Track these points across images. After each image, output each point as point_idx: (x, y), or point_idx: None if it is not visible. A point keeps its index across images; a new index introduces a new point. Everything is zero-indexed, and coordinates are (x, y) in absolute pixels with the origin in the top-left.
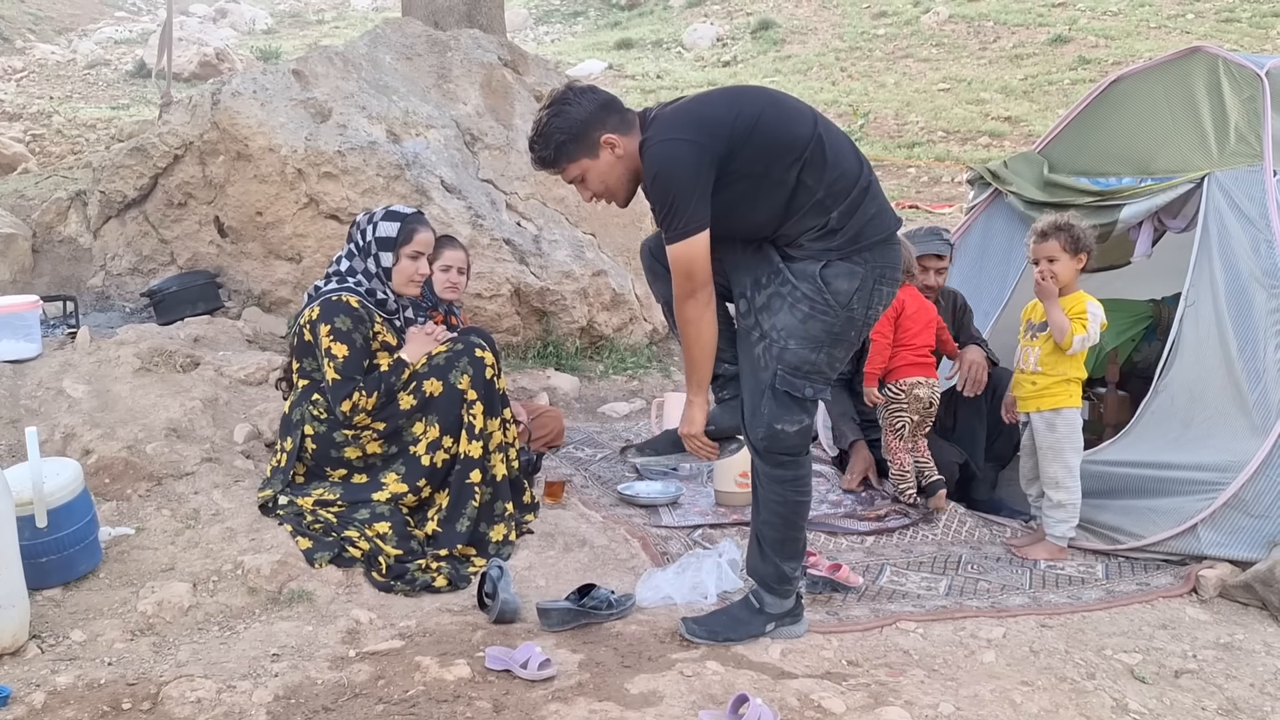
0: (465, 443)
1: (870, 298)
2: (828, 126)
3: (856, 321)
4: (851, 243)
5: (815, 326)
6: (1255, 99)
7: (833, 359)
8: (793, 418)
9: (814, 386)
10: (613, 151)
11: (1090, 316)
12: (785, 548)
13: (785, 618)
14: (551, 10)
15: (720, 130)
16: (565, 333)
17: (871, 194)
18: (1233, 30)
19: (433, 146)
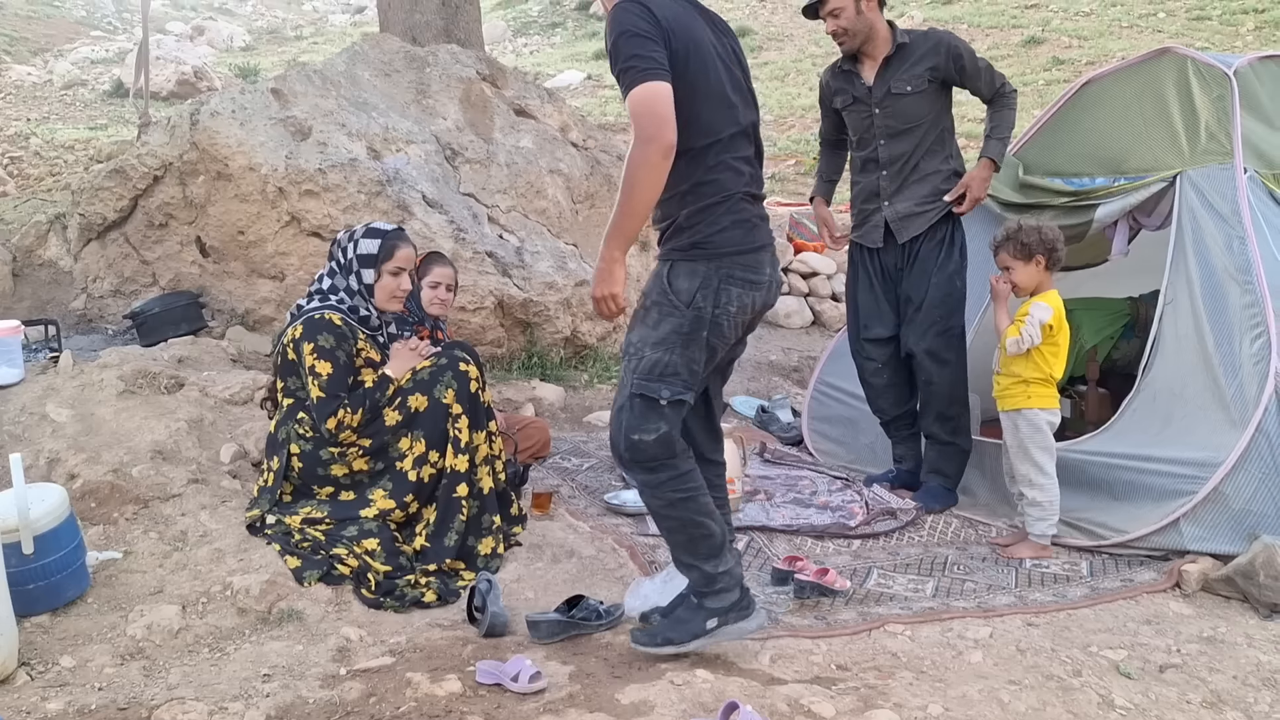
0: (451, 457)
1: (717, 296)
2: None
3: (705, 320)
4: (695, 246)
5: (665, 327)
6: (1224, 98)
7: (689, 360)
8: (650, 425)
9: (670, 388)
10: None
11: (1029, 318)
12: (696, 548)
13: (729, 612)
14: (530, 22)
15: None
16: (549, 343)
17: (732, 210)
18: (1203, 28)
19: (413, 162)
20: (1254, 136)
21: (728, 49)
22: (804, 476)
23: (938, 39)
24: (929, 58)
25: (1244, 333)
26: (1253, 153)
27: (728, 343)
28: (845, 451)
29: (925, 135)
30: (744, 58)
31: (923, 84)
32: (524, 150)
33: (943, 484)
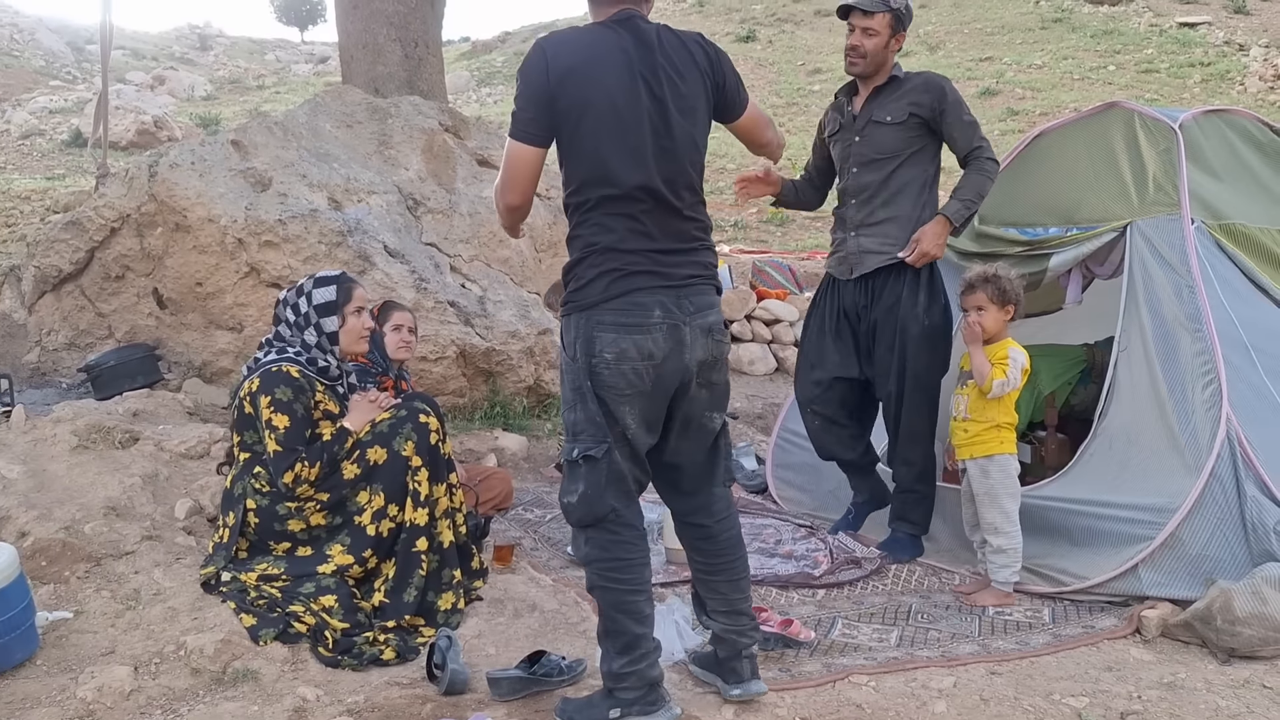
0: (411, 510)
1: (590, 344)
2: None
3: (585, 371)
4: (570, 300)
5: (567, 385)
6: (1170, 151)
7: (589, 414)
8: (571, 487)
9: (579, 445)
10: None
11: (1010, 361)
12: (611, 639)
13: (636, 705)
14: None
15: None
16: (512, 392)
17: (598, 263)
18: (1152, 81)
19: (375, 212)
20: (1200, 188)
21: (655, 98)
22: (768, 525)
23: (928, 78)
24: (914, 93)
25: (1195, 380)
26: (1199, 204)
27: (621, 393)
28: (809, 499)
29: (899, 172)
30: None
31: (903, 116)
32: (487, 200)
33: (909, 532)
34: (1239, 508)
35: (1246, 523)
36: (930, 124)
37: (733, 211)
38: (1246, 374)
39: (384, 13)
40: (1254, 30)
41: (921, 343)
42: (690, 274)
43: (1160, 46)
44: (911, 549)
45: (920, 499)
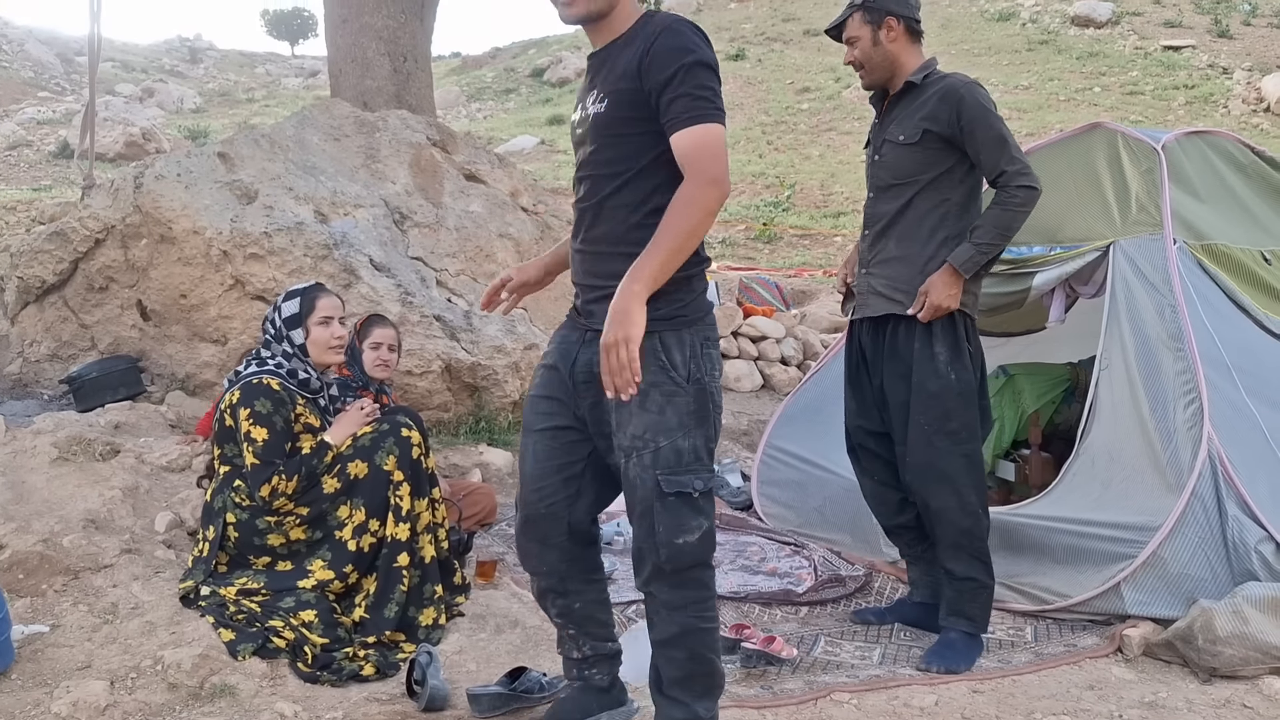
0: (392, 525)
1: (709, 364)
2: None
3: (708, 393)
4: (678, 314)
5: (673, 410)
6: (1153, 171)
7: (707, 441)
8: (691, 524)
9: (701, 478)
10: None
11: None
12: (695, 684)
13: None
14: (483, 88)
15: None
16: (498, 407)
17: (704, 274)
18: (1137, 103)
19: (361, 225)
20: (1182, 209)
21: None
22: (752, 543)
23: (949, 86)
24: (929, 105)
25: (1177, 399)
26: (1181, 224)
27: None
28: (795, 515)
29: (914, 202)
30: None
31: (915, 135)
32: (474, 214)
33: (965, 631)
34: (1220, 527)
35: (1228, 542)
36: (953, 141)
37: (720, 229)
38: (1228, 393)
39: (373, 27)
40: (1237, 54)
41: (945, 402)
42: None
43: (1145, 69)
44: (968, 653)
45: (978, 589)
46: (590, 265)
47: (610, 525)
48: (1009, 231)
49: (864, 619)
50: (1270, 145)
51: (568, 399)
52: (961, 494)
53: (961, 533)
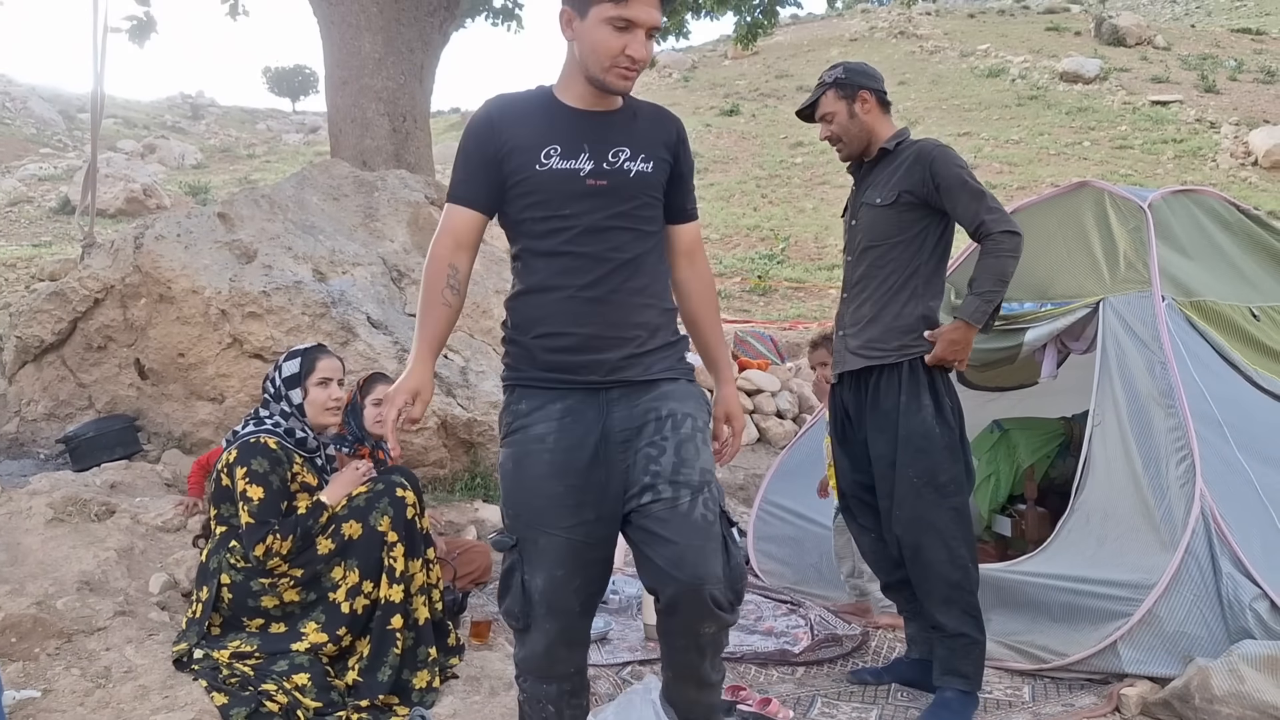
0: (386, 587)
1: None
2: None
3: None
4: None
5: (707, 449)
6: (1140, 229)
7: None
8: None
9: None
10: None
11: None
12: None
13: None
14: None
15: None
16: (493, 463)
17: None
18: (1126, 157)
19: (359, 284)
20: (1170, 266)
21: None
22: (748, 601)
23: (920, 149)
24: (903, 168)
25: (1169, 455)
26: (1170, 281)
27: None
28: (791, 572)
29: (889, 263)
30: None
31: (891, 197)
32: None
33: (960, 690)
34: (1215, 584)
35: (1223, 600)
36: (928, 201)
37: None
38: (1220, 449)
39: (373, 89)
40: (1224, 109)
41: (932, 455)
42: None
43: (1134, 124)
44: (964, 713)
45: (970, 645)
46: (623, 316)
47: None
48: (1005, 277)
49: (861, 679)
50: (1259, 198)
51: (590, 478)
52: (951, 547)
53: (951, 586)
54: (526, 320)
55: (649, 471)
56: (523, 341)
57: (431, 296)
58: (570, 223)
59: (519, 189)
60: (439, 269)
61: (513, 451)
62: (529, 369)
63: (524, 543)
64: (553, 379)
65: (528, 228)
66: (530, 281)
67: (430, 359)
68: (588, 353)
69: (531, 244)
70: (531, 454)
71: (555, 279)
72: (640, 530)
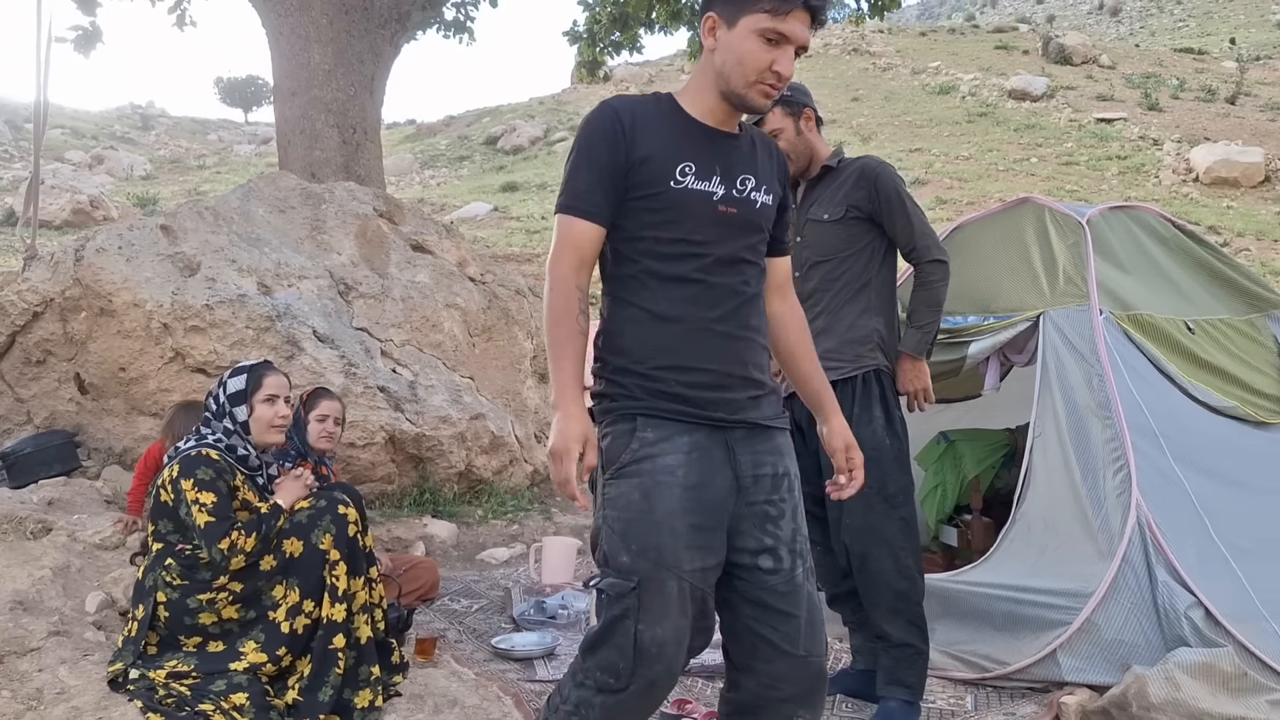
0: (328, 606)
1: None
2: None
3: None
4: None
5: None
6: (1079, 245)
7: None
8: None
9: None
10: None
11: None
12: None
13: None
14: (437, 155)
15: None
16: (443, 478)
17: None
18: (1072, 173)
19: (305, 297)
20: (1108, 280)
21: None
22: None
23: (864, 166)
24: (849, 183)
25: (1107, 466)
26: (1107, 295)
27: None
28: None
29: (840, 276)
30: None
31: (840, 212)
32: (420, 285)
33: (904, 700)
34: (1151, 593)
35: (1159, 608)
36: (873, 217)
37: None
38: (1155, 460)
39: (322, 100)
40: (1167, 126)
41: (883, 466)
42: None
43: (1079, 140)
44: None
45: (915, 655)
46: (749, 355)
47: (554, 599)
48: (939, 305)
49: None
50: (1199, 214)
51: (717, 519)
52: (899, 557)
53: (897, 595)
54: (649, 349)
55: (768, 533)
56: (642, 371)
57: (566, 325)
58: (701, 249)
59: (648, 204)
60: (567, 292)
61: (640, 482)
62: (651, 399)
63: (647, 586)
64: (681, 411)
65: (650, 247)
66: (655, 307)
67: (581, 397)
68: (718, 390)
69: (657, 266)
70: (663, 485)
71: (685, 308)
72: (748, 601)
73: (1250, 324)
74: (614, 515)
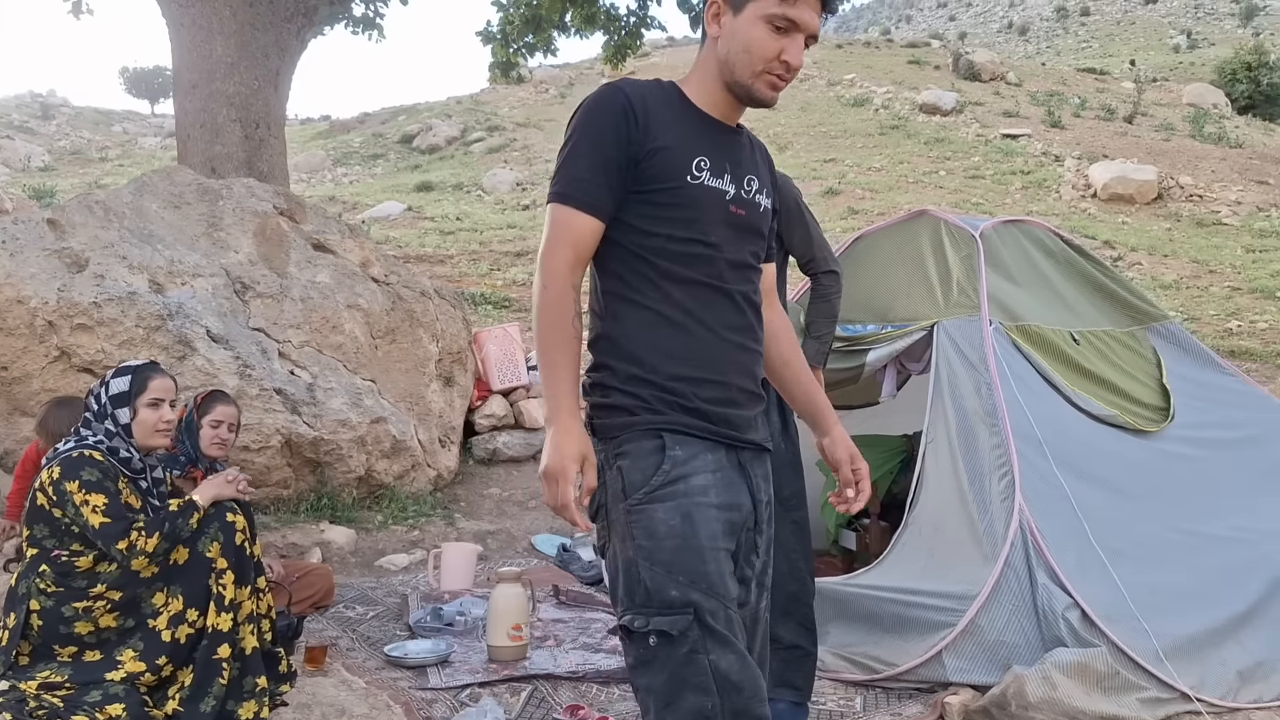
0: (214, 615)
1: None
2: None
3: None
4: None
5: None
6: (972, 257)
7: None
8: None
9: None
10: None
11: None
12: None
13: None
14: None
15: None
16: (341, 483)
17: None
18: (978, 186)
19: (199, 296)
20: (998, 292)
21: None
22: (597, 619)
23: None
24: None
25: (992, 471)
26: (997, 306)
27: None
28: None
29: None
30: None
31: None
32: (321, 285)
33: (792, 701)
34: (1031, 595)
35: (1039, 610)
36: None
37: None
38: (1039, 466)
39: (224, 93)
40: (1068, 143)
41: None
42: None
43: (986, 155)
44: None
45: (804, 657)
46: (756, 368)
47: (452, 606)
48: (835, 316)
49: None
50: (1096, 228)
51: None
52: (791, 559)
53: (789, 598)
54: (663, 356)
55: (750, 563)
56: (657, 382)
57: (562, 329)
58: (714, 252)
59: (661, 198)
60: (562, 292)
61: (678, 505)
62: (672, 412)
63: (705, 616)
64: (703, 428)
65: (662, 245)
66: (669, 311)
67: (578, 410)
68: (732, 406)
69: (669, 267)
70: (701, 507)
71: (701, 314)
72: None
73: (1131, 336)
74: (651, 546)
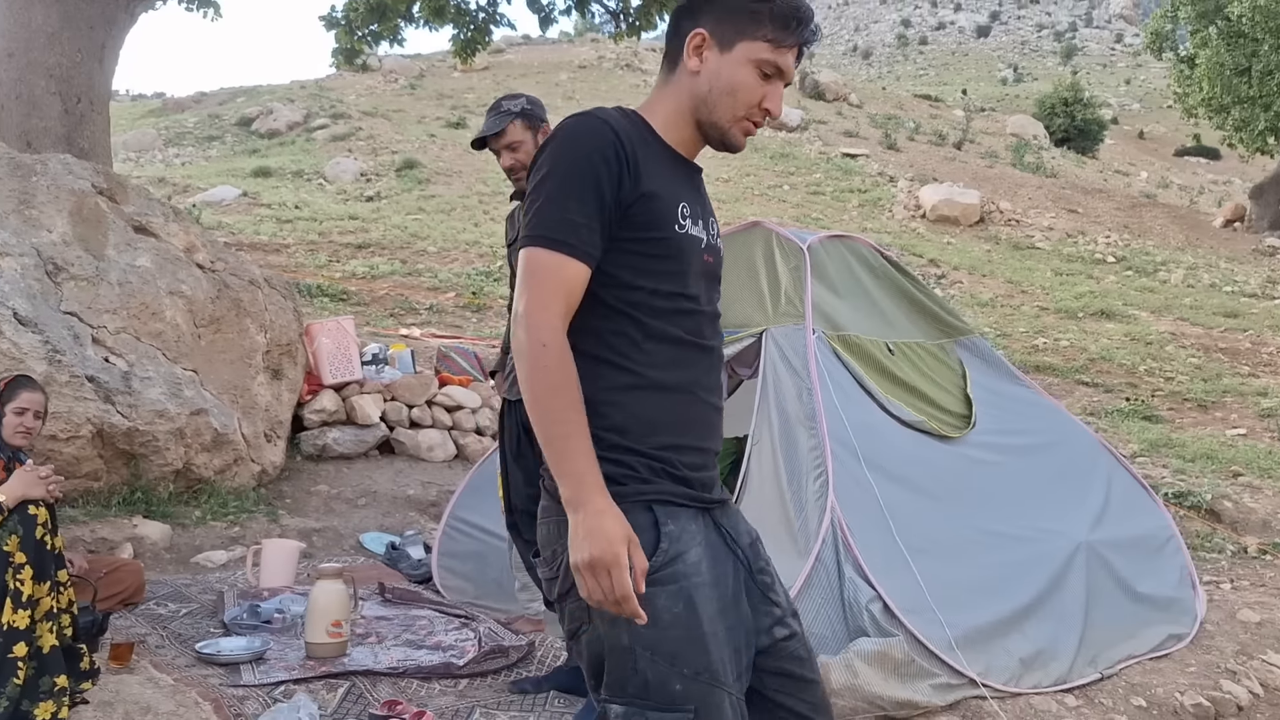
0: (10, 612)
1: None
2: None
3: None
4: None
5: None
6: (799, 268)
7: None
8: None
9: None
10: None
11: None
12: None
13: None
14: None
15: None
16: (157, 476)
17: None
18: (819, 202)
19: (7, 276)
20: (823, 302)
21: None
22: (422, 617)
23: None
24: None
25: (809, 472)
26: (821, 316)
27: None
28: (473, 587)
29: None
30: None
31: None
32: (141, 269)
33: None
34: (839, 588)
35: (845, 602)
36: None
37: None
38: (851, 468)
39: (44, 64)
40: (902, 165)
41: None
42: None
43: (827, 172)
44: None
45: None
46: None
47: (271, 603)
48: None
49: (521, 688)
50: (923, 246)
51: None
52: None
53: None
54: (648, 424)
55: (773, 602)
56: (645, 451)
57: (568, 393)
58: (694, 305)
59: (648, 249)
60: (562, 351)
61: (680, 589)
62: (660, 480)
63: (704, 712)
64: (686, 494)
65: (644, 300)
66: (651, 374)
67: (604, 485)
68: (706, 470)
69: (652, 323)
70: (699, 588)
71: (681, 375)
72: (777, 675)
73: (941, 348)
74: (653, 635)
